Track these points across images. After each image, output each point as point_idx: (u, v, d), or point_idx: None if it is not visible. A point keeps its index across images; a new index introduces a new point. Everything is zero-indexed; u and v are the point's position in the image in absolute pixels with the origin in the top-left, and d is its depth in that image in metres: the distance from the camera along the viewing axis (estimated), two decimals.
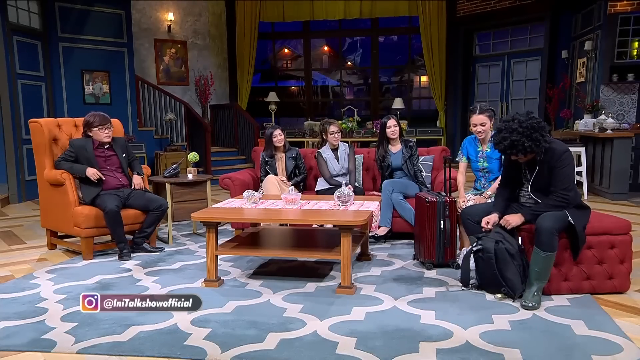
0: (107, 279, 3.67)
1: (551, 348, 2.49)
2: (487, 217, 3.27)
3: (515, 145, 2.99)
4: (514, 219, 3.17)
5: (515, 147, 3.00)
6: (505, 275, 3.08)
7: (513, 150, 3.02)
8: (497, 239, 3.12)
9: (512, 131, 2.99)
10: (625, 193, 6.64)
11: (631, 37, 7.32)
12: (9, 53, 6.78)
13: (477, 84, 10.39)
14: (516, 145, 2.99)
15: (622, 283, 3.23)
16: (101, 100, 8.18)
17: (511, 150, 3.03)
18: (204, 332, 2.69)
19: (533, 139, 2.96)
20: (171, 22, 10.19)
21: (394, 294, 3.26)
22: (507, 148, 3.04)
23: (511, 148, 3.02)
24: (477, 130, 3.86)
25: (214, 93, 10.33)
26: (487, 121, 3.83)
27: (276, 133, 4.97)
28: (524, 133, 2.96)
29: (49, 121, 4.49)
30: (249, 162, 9.18)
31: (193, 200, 4.94)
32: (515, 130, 2.98)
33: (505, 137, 3.02)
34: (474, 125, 3.87)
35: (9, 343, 2.61)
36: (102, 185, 4.24)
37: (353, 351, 2.46)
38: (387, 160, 4.74)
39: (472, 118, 3.87)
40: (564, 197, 3.05)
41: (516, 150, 3.01)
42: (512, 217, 3.18)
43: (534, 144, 2.97)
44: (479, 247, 3.18)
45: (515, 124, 2.99)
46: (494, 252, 3.09)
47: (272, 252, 3.77)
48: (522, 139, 2.96)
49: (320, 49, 14.59)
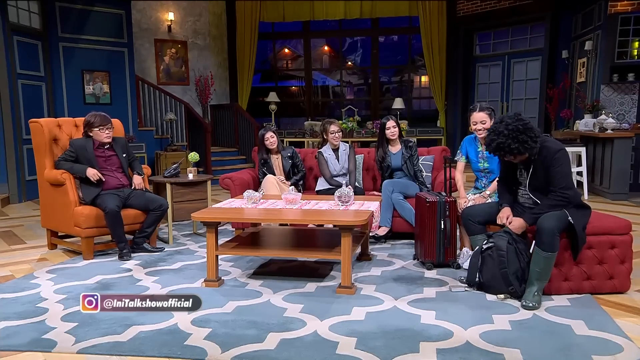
0: (107, 279, 3.67)
1: (551, 348, 2.49)
2: (501, 213, 3.26)
3: (502, 147, 3.04)
4: (516, 225, 3.15)
5: (502, 149, 3.05)
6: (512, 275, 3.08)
7: (500, 152, 3.08)
8: (509, 238, 3.12)
9: (498, 134, 3.04)
10: (625, 193, 6.64)
11: (631, 37, 7.32)
12: (9, 53, 6.78)
13: (477, 84, 10.39)
14: (502, 147, 3.04)
15: (623, 283, 3.23)
16: (101, 100, 8.19)
17: (498, 152, 3.10)
18: (204, 332, 2.69)
19: (519, 140, 2.99)
20: (171, 22, 10.19)
21: (394, 294, 3.26)
22: (494, 150, 3.10)
23: (498, 150, 3.08)
24: (477, 128, 3.85)
25: (214, 93, 10.34)
26: (487, 119, 3.83)
27: (268, 136, 4.94)
28: (509, 135, 3.00)
29: (49, 121, 4.50)
30: (249, 162, 9.18)
31: (193, 200, 4.94)
32: (501, 133, 3.03)
33: (492, 140, 3.08)
34: (474, 124, 3.87)
35: (9, 343, 2.61)
36: (102, 185, 4.24)
37: (353, 351, 2.46)
38: (387, 161, 4.73)
39: (472, 116, 3.87)
40: (563, 196, 3.05)
41: (503, 152, 3.07)
42: (515, 222, 3.16)
43: (521, 146, 3.00)
44: (490, 245, 3.17)
45: (502, 127, 3.04)
46: (506, 251, 3.09)
47: (272, 252, 3.76)
48: (508, 141, 3.00)
49: (321, 49, 14.59)
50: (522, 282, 3.09)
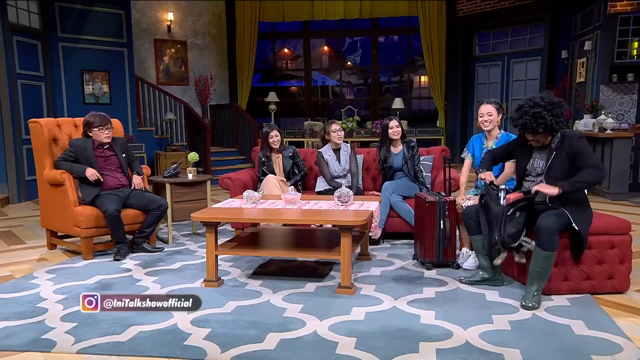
0: (107, 279, 3.67)
1: (551, 348, 2.49)
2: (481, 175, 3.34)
3: (537, 117, 2.97)
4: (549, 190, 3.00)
5: (537, 118, 2.98)
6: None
7: (534, 123, 2.99)
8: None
9: (534, 105, 3.01)
10: (625, 193, 6.64)
11: (631, 37, 7.32)
12: (8, 53, 6.78)
13: (477, 84, 10.40)
14: (537, 117, 2.97)
15: (622, 283, 3.23)
16: (101, 100, 8.18)
17: (532, 123, 3.00)
18: (204, 332, 2.69)
19: (554, 114, 2.98)
20: (171, 22, 10.19)
21: (394, 294, 3.26)
22: (529, 121, 3.01)
23: (533, 119, 2.99)
24: (483, 119, 3.86)
25: (213, 93, 10.34)
26: (493, 111, 3.84)
27: (272, 134, 4.94)
28: (545, 107, 2.98)
29: (48, 121, 4.49)
30: (248, 162, 9.18)
31: (193, 200, 4.94)
32: (537, 104, 3.00)
33: (526, 111, 3.02)
34: (480, 116, 3.89)
35: (9, 343, 2.61)
36: (101, 185, 4.24)
37: (353, 351, 2.46)
38: (389, 161, 4.71)
39: (480, 109, 3.91)
40: (598, 168, 3.04)
41: (536, 123, 2.98)
42: (546, 188, 3.01)
43: (555, 120, 2.99)
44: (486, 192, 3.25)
45: (538, 99, 3.03)
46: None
47: (272, 252, 3.76)
48: (544, 112, 2.97)
49: (320, 49, 14.59)
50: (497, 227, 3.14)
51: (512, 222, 3.08)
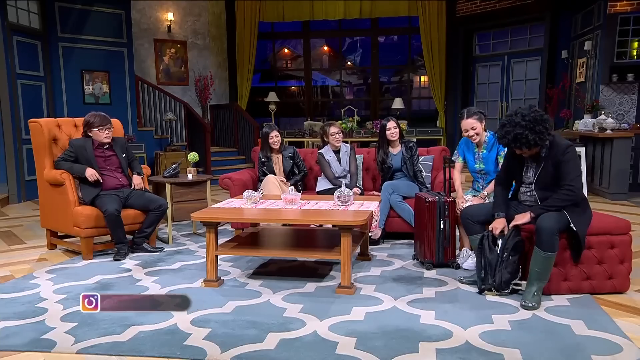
0: (107, 279, 3.67)
1: (551, 348, 2.49)
2: (496, 223, 3.21)
3: (519, 138, 2.99)
4: (521, 219, 3.13)
5: (518, 140, 2.99)
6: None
7: (517, 143, 3.02)
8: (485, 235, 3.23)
9: (515, 125, 2.99)
10: (625, 193, 6.64)
11: (631, 37, 7.32)
12: (8, 53, 6.78)
13: (477, 84, 10.39)
14: (519, 138, 2.99)
15: (622, 283, 3.23)
16: (101, 100, 8.18)
17: (515, 143, 3.03)
18: (204, 332, 2.69)
19: (536, 131, 2.96)
20: (171, 22, 10.19)
21: (394, 294, 3.26)
22: (511, 142, 3.03)
23: (515, 141, 3.01)
24: (469, 134, 3.83)
25: (213, 93, 10.34)
26: (477, 124, 3.79)
27: (272, 135, 4.94)
28: (527, 126, 2.96)
29: (48, 121, 4.49)
30: (248, 162, 9.17)
31: (193, 200, 4.94)
32: (518, 124, 2.98)
33: (508, 131, 3.02)
34: (465, 131, 3.84)
35: (9, 343, 2.61)
36: (101, 185, 4.24)
37: (353, 351, 2.46)
38: (388, 162, 4.71)
39: (461, 124, 3.85)
40: (569, 189, 3.01)
41: (520, 143, 3.00)
42: (520, 219, 3.14)
43: (538, 137, 2.98)
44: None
45: (519, 118, 3.00)
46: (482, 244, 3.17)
47: (272, 252, 3.76)
48: (526, 132, 2.96)
49: (320, 49, 14.58)
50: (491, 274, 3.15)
51: (507, 268, 3.10)
